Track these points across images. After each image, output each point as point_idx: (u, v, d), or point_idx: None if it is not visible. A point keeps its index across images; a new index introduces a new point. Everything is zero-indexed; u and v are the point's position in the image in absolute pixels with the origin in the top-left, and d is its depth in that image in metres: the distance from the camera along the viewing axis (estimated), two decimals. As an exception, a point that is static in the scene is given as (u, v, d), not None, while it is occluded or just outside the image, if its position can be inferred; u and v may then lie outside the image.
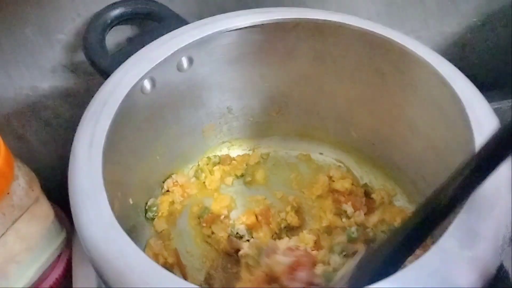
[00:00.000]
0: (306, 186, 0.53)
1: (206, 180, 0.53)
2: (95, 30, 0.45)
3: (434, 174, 0.44)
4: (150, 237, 0.48)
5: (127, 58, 0.42)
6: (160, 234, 0.49)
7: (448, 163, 0.41)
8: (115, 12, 0.46)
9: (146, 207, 0.49)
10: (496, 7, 0.59)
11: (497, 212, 0.30)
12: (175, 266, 0.46)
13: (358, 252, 0.42)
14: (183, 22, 0.46)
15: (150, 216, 0.49)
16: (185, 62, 0.44)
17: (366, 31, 0.42)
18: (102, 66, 0.43)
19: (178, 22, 0.46)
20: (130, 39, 0.48)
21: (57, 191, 0.45)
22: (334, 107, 0.51)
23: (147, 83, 0.42)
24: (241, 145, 0.56)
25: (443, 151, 0.42)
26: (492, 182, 0.31)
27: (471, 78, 0.39)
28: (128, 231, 0.31)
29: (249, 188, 0.54)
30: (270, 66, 0.49)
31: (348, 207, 0.49)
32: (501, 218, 0.30)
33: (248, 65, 0.48)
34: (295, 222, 0.50)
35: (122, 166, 0.42)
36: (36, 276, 0.47)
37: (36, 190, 0.44)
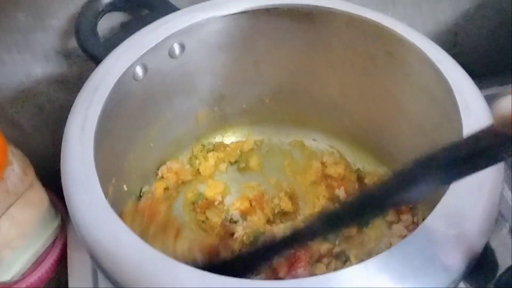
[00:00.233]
0: (300, 172, 0.53)
1: (200, 166, 0.53)
2: (87, 16, 0.45)
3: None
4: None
5: (119, 44, 0.42)
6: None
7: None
8: (108, -2, 0.46)
9: (141, 194, 0.50)
10: (489, -6, 0.59)
11: (484, 191, 0.30)
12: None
13: None
14: (175, 9, 0.46)
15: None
16: (177, 48, 0.44)
17: (357, 17, 0.42)
18: (93, 53, 0.43)
19: (170, 9, 0.46)
20: (122, 26, 0.48)
21: (51, 177, 0.45)
22: (327, 94, 0.51)
23: (139, 70, 0.42)
24: (235, 132, 0.56)
25: (434, 137, 0.42)
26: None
27: (464, 65, 0.39)
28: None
29: (243, 174, 0.54)
30: (262, 53, 0.49)
31: (341, 192, 0.50)
32: (488, 198, 0.30)
33: (240, 51, 0.48)
34: (289, 208, 0.50)
35: (116, 152, 0.42)
36: (31, 261, 0.47)
37: (30, 176, 0.44)
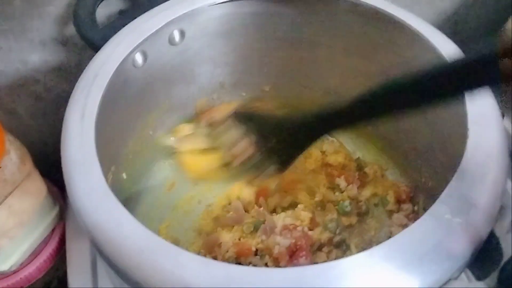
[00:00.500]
0: (300, 161, 0.53)
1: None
2: (86, 3, 0.44)
3: (426, 147, 0.44)
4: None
5: (118, 31, 0.41)
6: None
7: (439, 135, 0.41)
8: (106, -16, 0.46)
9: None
10: (488, -17, 0.59)
11: (488, 179, 0.30)
12: None
13: None
14: (175, -5, 0.46)
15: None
16: (176, 35, 0.44)
17: (358, 3, 0.42)
18: (92, 39, 0.43)
19: (169, -5, 0.46)
20: (121, 12, 0.48)
21: (49, 166, 0.45)
22: (327, 81, 0.51)
23: (139, 57, 0.41)
24: (234, 120, 0.56)
25: (435, 123, 0.42)
26: (484, 150, 0.32)
27: (464, 54, 0.39)
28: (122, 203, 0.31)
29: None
30: (261, 40, 0.48)
31: (341, 181, 0.49)
32: (492, 186, 0.30)
33: (240, 38, 0.48)
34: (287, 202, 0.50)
35: (115, 140, 0.42)
36: (29, 251, 0.47)
37: (28, 165, 0.44)
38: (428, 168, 0.45)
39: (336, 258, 0.39)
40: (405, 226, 0.45)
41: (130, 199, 0.48)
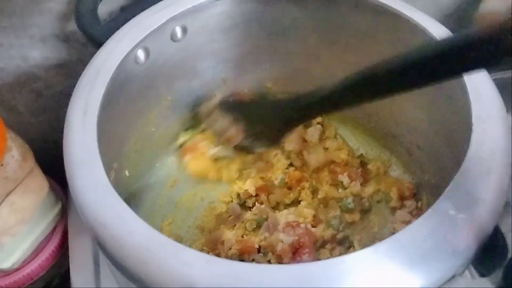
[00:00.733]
0: (302, 159, 0.53)
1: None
2: (87, -2, 0.44)
3: (429, 143, 0.44)
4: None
5: (120, 27, 0.41)
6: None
7: (443, 131, 0.41)
8: (107, -20, 0.46)
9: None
10: (492, -23, 0.58)
11: (493, 175, 0.30)
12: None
13: None
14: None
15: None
16: (179, 31, 0.43)
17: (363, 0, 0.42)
18: (94, 35, 0.42)
19: (171, -9, 0.45)
20: (123, 9, 0.47)
21: (51, 163, 0.44)
22: (330, 77, 0.50)
23: (141, 53, 0.41)
24: (236, 117, 0.56)
25: (439, 119, 0.42)
26: (488, 145, 0.31)
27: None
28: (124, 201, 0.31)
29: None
30: (264, 37, 0.48)
31: (344, 178, 0.49)
32: (497, 181, 0.30)
33: (242, 35, 0.48)
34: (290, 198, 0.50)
35: (117, 137, 0.42)
36: (31, 248, 0.47)
37: (30, 162, 0.44)
38: (431, 164, 0.45)
39: (339, 255, 0.39)
40: (408, 222, 0.45)
41: (133, 196, 0.48)
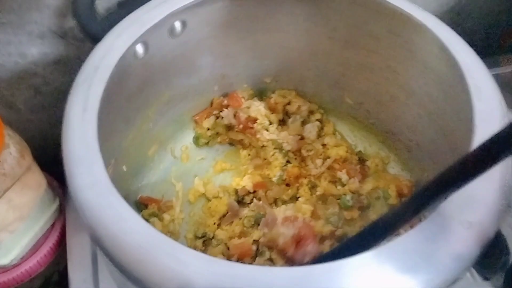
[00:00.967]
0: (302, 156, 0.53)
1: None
2: (85, -6, 0.44)
3: (429, 141, 0.44)
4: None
5: (118, 23, 0.41)
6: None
7: (443, 130, 0.41)
8: (105, -25, 0.45)
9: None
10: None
11: (495, 177, 0.30)
12: None
13: None
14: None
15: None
16: (178, 26, 0.43)
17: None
18: (92, 31, 0.42)
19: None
20: (121, 4, 0.47)
21: (49, 160, 0.44)
22: (329, 73, 0.50)
23: (140, 48, 0.41)
24: (235, 112, 0.56)
25: (439, 117, 0.42)
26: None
27: (467, 45, 0.38)
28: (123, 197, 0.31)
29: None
30: (264, 32, 0.48)
31: (342, 175, 0.49)
32: (499, 184, 0.30)
33: (241, 30, 0.47)
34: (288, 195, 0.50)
35: (115, 133, 0.41)
36: (30, 245, 0.46)
37: (27, 159, 0.43)
38: (431, 162, 0.45)
39: None
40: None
41: (131, 192, 0.47)
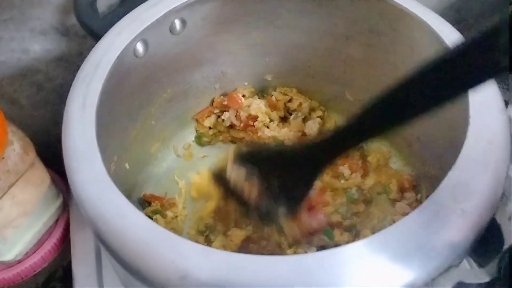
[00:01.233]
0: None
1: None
2: (86, -9, 0.44)
3: (430, 136, 0.44)
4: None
5: (119, 20, 0.41)
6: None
7: (443, 124, 0.41)
8: (106, -27, 0.45)
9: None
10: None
11: (490, 167, 0.30)
12: None
13: None
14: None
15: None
16: (178, 24, 0.43)
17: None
18: (93, 28, 0.42)
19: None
20: (122, 1, 0.47)
21: (52, 156, 0.44)
22: (330, 70, 0.50)
23: (140, 46, 0.41)
24: (236, 109, 0.56)
25: (439, 112, 0.41)
26: (485, 137, 0.31)
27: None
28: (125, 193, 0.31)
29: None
30: (263, 29, 0.48)
31: (345, 170, 0.49)
32: (493, 173, 0.30)
33: (241, 27, 0.48)
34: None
35: (117, 130, 0.42)
36: (34, 240, 0.47)
37: (31, 155, 0.44)
38: (431, 156, 0.45)
39: (347, 241, 0.40)
40: (408, 214, 0.45)
41: (134, 189, 0.48)
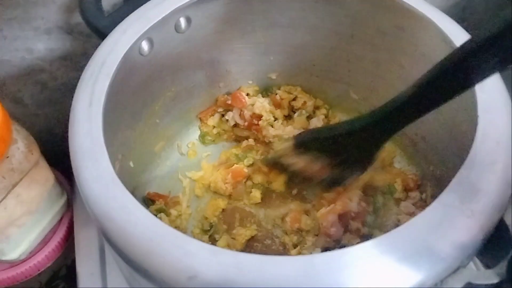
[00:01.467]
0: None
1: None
2: (91, -11, 0.44)
3: (435, 135, 0.44)
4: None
5: (124, 19, 0.41)
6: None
7: (449, 124, 0.41)
8: (111, -29, 0.45)
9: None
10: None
11: (498, 167, 0.30)
12: None
13: None
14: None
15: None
16: (183, 22, 0.43)
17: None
18: (98, 27, 0.42)
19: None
20: (126, 0, 0.47)
21: (56, 155, 0.45)
22: (334, 69, 0.50)
23: (145, 44, 0.41)
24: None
25: (444, 112, 0.41)
26: (494, 137, 0.31)
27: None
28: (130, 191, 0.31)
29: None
30: (268, 27, 0.48)
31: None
32: (502, 174, 0.30)
33: (246, 26, 0.47)
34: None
35: (122, 128, 0.42)
36: (38, 239, 0.47)
37: (35, 154, 0.44)
38: (436, 156, 0.45)
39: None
40: (412, 214, 0.45)
41: (138, 187, 0.48)
